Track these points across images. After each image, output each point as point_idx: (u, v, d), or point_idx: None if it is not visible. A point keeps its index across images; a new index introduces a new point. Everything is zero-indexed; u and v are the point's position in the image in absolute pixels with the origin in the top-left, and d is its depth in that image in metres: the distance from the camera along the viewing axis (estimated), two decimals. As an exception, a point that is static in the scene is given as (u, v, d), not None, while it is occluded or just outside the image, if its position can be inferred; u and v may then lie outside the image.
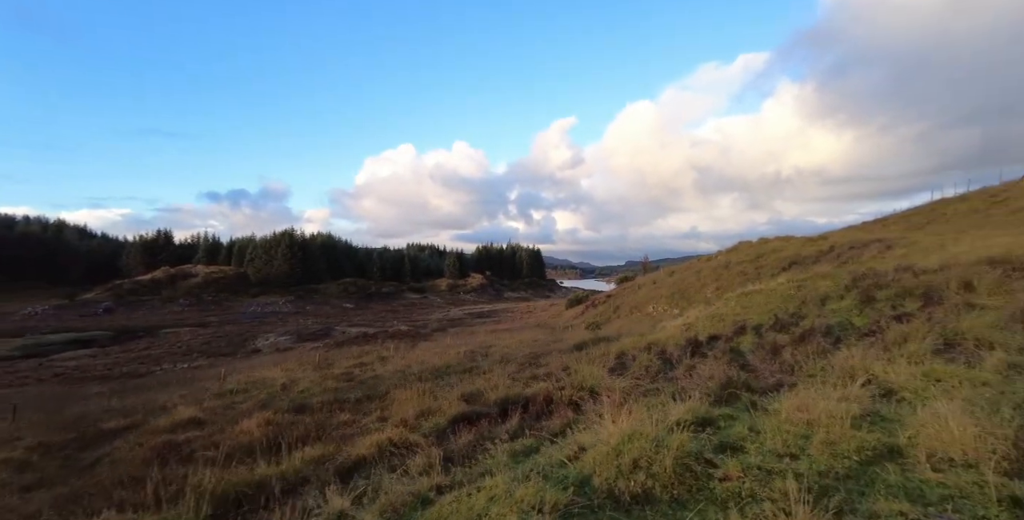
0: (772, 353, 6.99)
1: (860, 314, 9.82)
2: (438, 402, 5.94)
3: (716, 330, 10.83)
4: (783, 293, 11.84)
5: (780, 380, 5.12)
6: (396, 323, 51.97)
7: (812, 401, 3.29)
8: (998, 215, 26.78)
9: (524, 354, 12.82)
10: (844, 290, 10.93)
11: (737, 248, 29.60)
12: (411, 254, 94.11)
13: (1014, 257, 10.96)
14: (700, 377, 5.92)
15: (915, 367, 4.17)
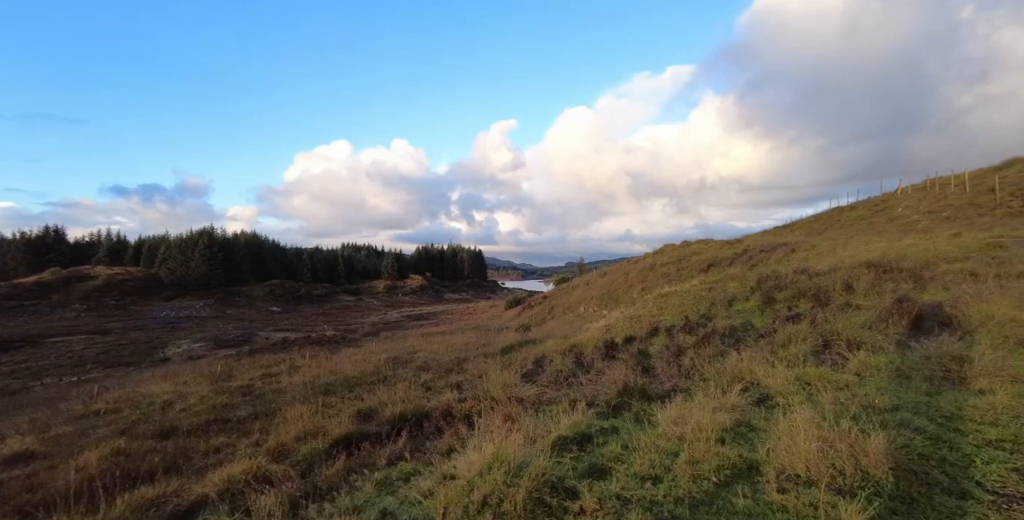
0: (676, 355, 7.13)
1: (761, 315, 10.43)
2: (329, 420, 5.43)
3: (633, 331, 11.06)
4: (696, 295, 12.37)
5: (676, 385, 5.14)
6: (326, 327, 49.43)
7: (689, 412, 3.22)
8: (880, 222, 30.10)
9: (449, 360, 12.41)
10: (749, 292, 11.60)
11: (662, 251, 30.98)
12: (346, 254, 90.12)
13: (886, 261, 12.18)
14: (603, 382, 5.86)
15: (792, 370, 4.29)
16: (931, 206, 28.31)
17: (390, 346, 18.18)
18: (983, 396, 3.12)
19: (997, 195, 24.42)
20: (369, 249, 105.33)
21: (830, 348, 5.76)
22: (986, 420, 2.77)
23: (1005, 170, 26.67)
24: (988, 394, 3.17)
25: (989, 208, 24.14)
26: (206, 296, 64.46)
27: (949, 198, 28.04)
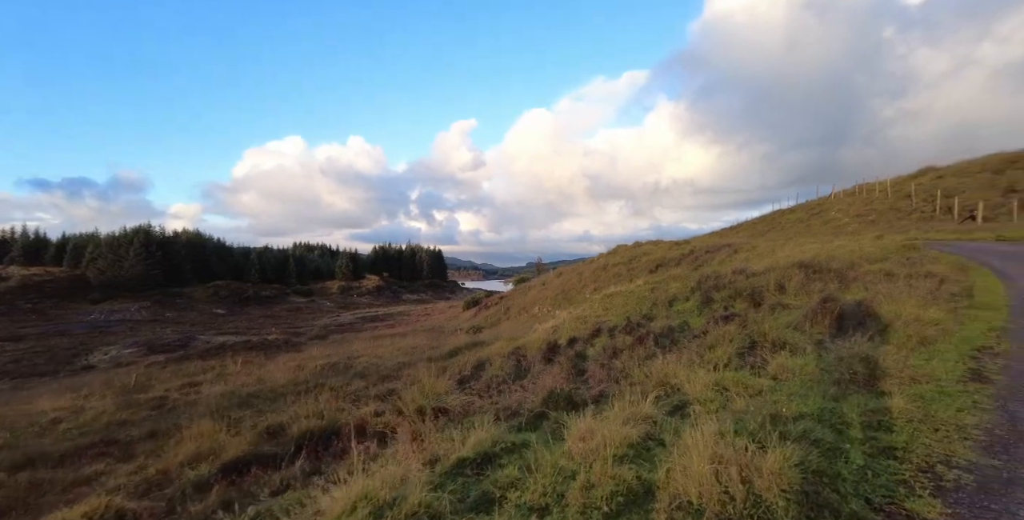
0: (611, 357, 7.03)
1: (699, 315, 10.61)
2: (234, 438, 4.90)
3: (577, 332, 10.98)
4: (640, 295, 12.48)
5: (603, 390, 4.98)
6: (273, 330, 47.15)
7: (599, 425, 3.00)
8: (815, 225, 31.92)
9: (391, 365, 11.88)
10: (690, 292, 11.81)
11: (615, 251, 31.51)
12: (297, 254, 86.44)
13: (816, 261, 12.76)
14: (534, 389, 5.63)
15: (714, 374, 4.19)
16: (859, 210, 30.29)
17: (334, 350, 17.34)
18: (882, 399, 3.09)
19: (913, 200, 26.42)
20: (323, 248, 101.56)
21: (756, 349, 5.79)
22: (882, 426, 2.71)
23: (919, 178, 28.93)
24: (887, 397, 3.15)
25: (907, 212, 26.07)
26: (142, 298, 59.91)
27: (874, 203, 30.10)
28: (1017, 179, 22.48)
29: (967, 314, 6.17)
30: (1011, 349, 4.50)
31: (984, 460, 2.35)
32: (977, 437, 2.60)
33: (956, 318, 5.88)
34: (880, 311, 6.16)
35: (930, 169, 30.01)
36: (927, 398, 3.19)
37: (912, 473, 2.22)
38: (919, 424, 2.73)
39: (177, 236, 70.32)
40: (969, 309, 6.54)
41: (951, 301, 7.68)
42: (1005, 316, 6.05)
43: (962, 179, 25.66)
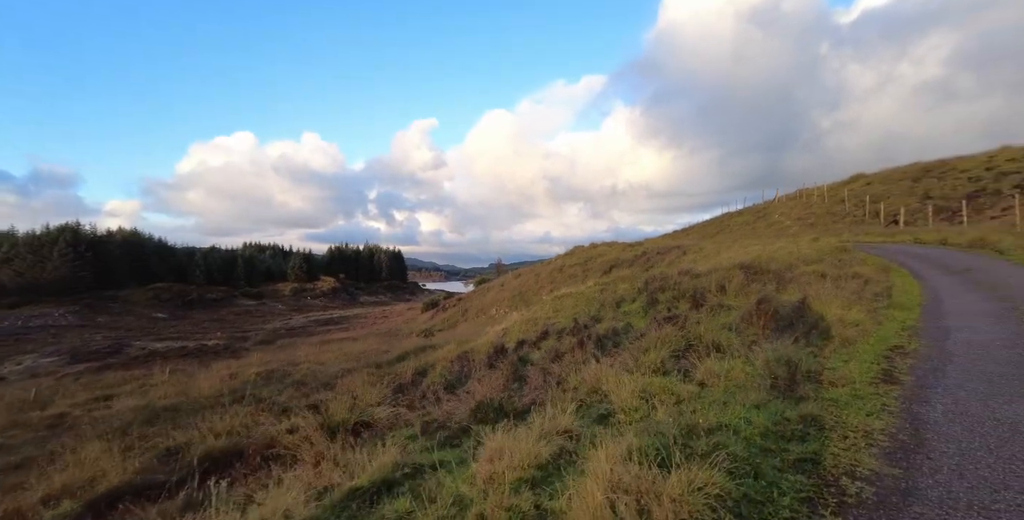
0: (553, 360, 6.89)
1: (644, 316, 10.71)
2: (125, 462, 4.35)
3: (525, 335, 10.83)
4: (590, 296, 12.50)
5: (536, 398, 4.79)
6: (219, 334, 44.52)
7: (513, 443, 2.79)
8: (760, 227, 33.46)
9: (332, 372, 11.29)
10: (637, 293, 11.93)
11: (572, 252, 31.79)
12: (247, 254, 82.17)
13: (757, 263, 13.25)
14: (468, 398, 5.37)
15: (643, 379, 4.08)
16: (800, 214, 31.98)
17: (276, 357, 16.41)
18: (800, 405, 3.04)
19: (846, 205, 28.17)
20: (275, 249, 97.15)
21: (691, 352, 5.79)
22: (795, 435, 2.64)
23: (851, 184, 30.90)
24: (805, 402, 3.11)
25: (841, 216, 27.75)
26: (68, 302, 54.99)
27: (813, 207, 31.89)
28: (931, 187, 24.35)
29: (885, 314, 6.45)
30: (919, 348, 4.68)
31: (886, 469, 2.30)
32: (882, 443, 2.57)
33: (875, 318, 6.12)
34: (810, 312, 6.32)
35: (860, 176, 32.09)
36: (841, 403, 3.18)
37: (817, 489, 2.13)
38: (830, 432, 2.68)
39: (111, 235, 65.18)
40: (888, 309, 6.85)
41: (873, 301, 8.05)
42: (917, 315, 6.36)
43: (887, 186, 27.57)
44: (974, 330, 5.30)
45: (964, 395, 3.28)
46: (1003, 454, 2.37)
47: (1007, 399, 3.15)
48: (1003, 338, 4.86)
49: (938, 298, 7.71)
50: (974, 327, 5.46)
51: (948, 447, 2.49)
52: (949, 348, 4.63)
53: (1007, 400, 3.14)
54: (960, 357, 4.30)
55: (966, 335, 5.09)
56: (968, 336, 5.04)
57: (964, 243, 13.99)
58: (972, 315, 6.19)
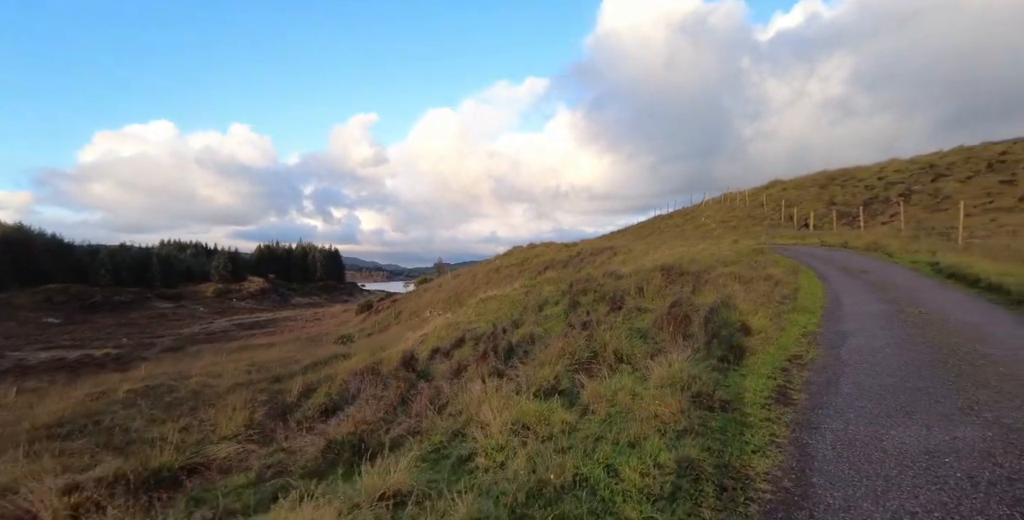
0: (456, 374, 6.22)
1: (565, 319, 10.34)
2: None
3: (441, 343, 10.09)
4: (514, 299, 11.99)
5: (412, 426, 4.08)
6: (125, 341, 39.90)
7: (321, 512, 2.06)
8: (688, 229, 34.81)
9: (223, 387, 9.95)
10: (561, 295, 11.58)
11: (511, 253, 31.40)
12: (164, 253, 74.80)
13: (678, 264, 13.39)
14: (339, 426, 4.56)
15: (526, 404, 3.48)
16: (724, 217, 33.59)
17: (172, 368, 14.53)
18: (681, 443, 2.55)
19: (765, 209, 29.89)
20: (198, 247, 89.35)
21: (595, 362, 5.35)
22: (664, 492, 2.11)
23: (770, 189, 32.91)
24: (686, 437, 2.63)
25: (760, 219, 29.39)
26: (-70, 307, 47.12)
27: (735, 210, 33.61)
28: (836, 193, 26.31)
29: (789, 318, 6.39)
30: (817, 357, 4.49)
31: (763, 536, 1.81)
32: (762, 496, 2.11)
33: (779, 324, 6.01)
34: (717, 317, 6.09)
35: (777, 182, 34.24)
36: (729, 435, 2.75)
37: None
38: (706, 483, 2.19)
39: (-10, 230, 56.75)
40: (792, 312, 6.83)
41: (780, 303, 8.10)
42: (818, 319, 6.35)
43: (800, 191, 29.52)
44: (867, 334, 5.24)
45: (854, 416, 2.97)
46: (889, 504, 1.98)
47: (894, 420, 2.87)
48: (891, 343, 4.79)
49: (838, 300, 7.87)
50: (867, 330, 5.42)
51: (834, 497, 2.07)
52: (844, 357, 4.45)
53: (894, 422, 2.85)
54: (853, 367, 4.11)
55: (860, 340, 4.99)
56: (861, 342, 4.94)
57: (861, 246, 14.93)
58: (866, 317, 6.24)
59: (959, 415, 2.87)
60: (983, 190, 20.02)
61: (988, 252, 10.65)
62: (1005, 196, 19.14)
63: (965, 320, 5.62)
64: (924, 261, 10.99)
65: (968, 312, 6.14)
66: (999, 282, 7.44)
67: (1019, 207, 17.99)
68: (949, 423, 2.77)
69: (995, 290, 7.37)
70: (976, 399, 3.12)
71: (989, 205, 18.68)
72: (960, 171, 22.69)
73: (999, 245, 11.28)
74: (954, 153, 25.51)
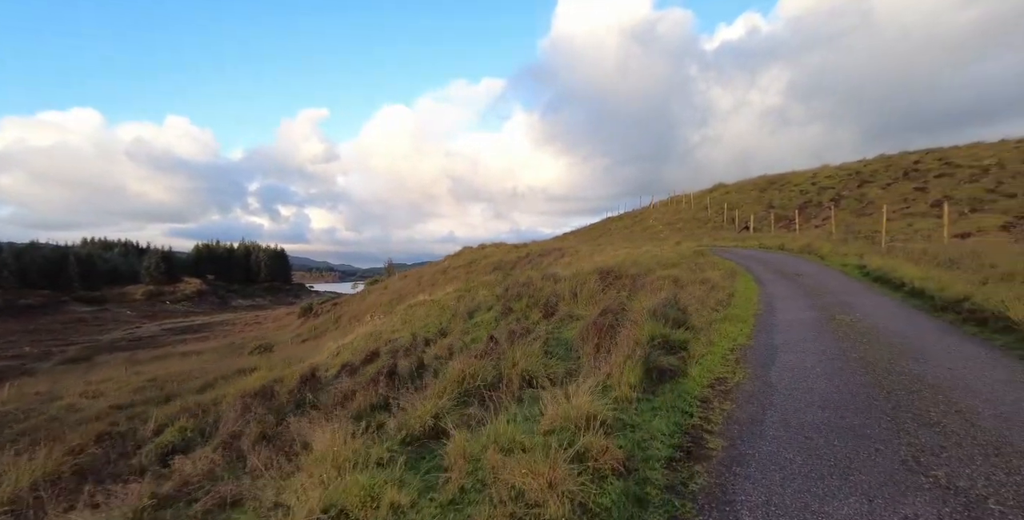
0: (342, 403, 5.19)
1: (496, 326, 9.52)
2: None
3: (355, 357, 8.97)
4: (444, 304, 11.01)
5: (228, 496, 3.04)
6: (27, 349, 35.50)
7: None
8: (637, 231, 35.04)
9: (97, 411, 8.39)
10: (495, 300, 10.74)
11: (460, 253, 30.31)
12: (84, 252, 67.91)
13: (620, 267, 12.90)
14: (151, 484, 3.44)
15: (352, 477, 2.54)
16: (670, 219, 34.03)
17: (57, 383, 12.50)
18: None
19: (709, 211, 30.47)
20: (127, 246, 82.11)
21: (498, 389, 4.51)
22: None
23: (713, 193, 33.67)
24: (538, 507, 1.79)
25: (704, 221, 29.90)
26: None
27: (682, 213, 34.14)
28: (774, 197, 27.11)
29: (720, 329, 5.83)
30: (743, 381, 3.85)
31: None
32: None
33: (708, 336, 5.43)
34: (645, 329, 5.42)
35: (721, 186, 35.12)
36: (610, 521, 1.93)
37: None
38: None
39: None
40: (724, 321, 6.29)
41: (715, 310, 7.61)
42: (750, 329, 5.83)
43: (741, 195, 30.30)
44: (799, 349, 4.70)
45: (779, 480, 2.25)
46: None
47: (827, 486, 2.18)
48: (824, 360, 4.25)
49: (772, 306, 7.46)
50: (799, 344, 4.90)
51: None
52: (773, 380, 3.84)
53: (827, 488, 2.16)
54: (782, 394, 3.48)
55: (791, 358, 4.43)
56: (793, 359, 4.37)
57: (796, 248, 15.07)
58: (799, 326, 5.78)
59: (905, 475, 2.21)
60: (900, 196, 21.05)
61: (909, 255, 10.78)
62: (919, 202, 20.16)
63: (894, 329, 5.24)
64: (853, 264, 11.00)
65: (895, 318, 5.81)
66: (921, 287, 7.28)
67: (931, 213, 18.94)
68: (895, 490, 2.09)
69: (917, 295, 7.20)
70: (921, 445, 2.50)
71: (906, 210, 19.60)
72: (881, 178, 23.87)
73: (917, 249, 11.49)
74: (876, 161, 26.92)
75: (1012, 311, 4.74)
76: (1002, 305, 4.98)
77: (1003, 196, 17.90)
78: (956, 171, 21.29)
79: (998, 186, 18.71)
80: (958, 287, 6.59)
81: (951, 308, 5.90)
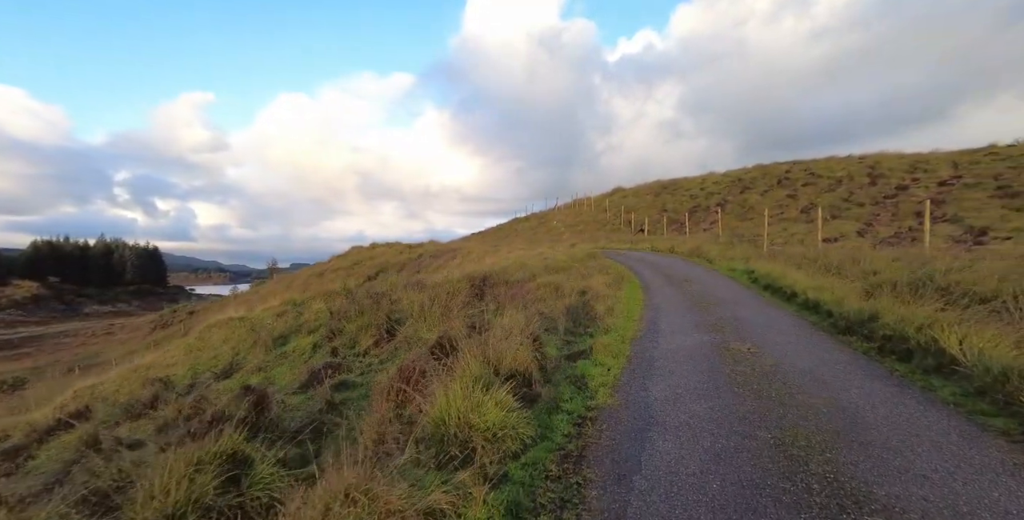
0: None
1: (310, 357, 7.01)
2: None
3: (109, 396, 5.91)
4: (258, 323, 8.17)
5: None
6: None
7: None
8: (541, 232, 34.01)
9: None
10: (328, 317, 8.20)
11: (347, 254, 26.79)
12: None
13: (502, 271, 11.03)
14: None
15: None
16: (573, 221, 33.44)
17: None
18: None
19: (608, 214, 30.26)
20: (-70, 241, 64.29)
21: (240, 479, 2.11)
22: None
23: (613, 196, 33.74)
24: None
25: (603, 224, 29.56)
26: None
27: (583, 215, 33.74)
28: (667, 201, 27.44)
29: (580, 372, 3.98)
30: (589, 500, 1.91)
31: None
32: None
33: (555, 393, 3.52)
34: (489, 366, 3.33)
35: (619, 189, 35.39)
36: None
37: None
38: None
39: None
40: (592, 355, 4.49)
41: (588, 328, 5.89)
42: (619, 372, 4.03)
43: (638, 199, 30.49)
44: (683, 420, 2.89)
45: None
46: None
47: None
48: (722, 456, 2.44)
49: (655, 326, 5.85)
50: (684, 407, 3.11)
51: None
52: (633, 503, 1.90)
53: None
54: None
55: (669, 449, 2.58)
56: (672, 452, 2.51)
57: (686, 251, 14.36)
58: (684, 363, 4.08)
59: None
60: (775, 202, 21.98)
61: (790, 260, 10.13)
62: (790, 208, 21.13)
63: (804, 367, 3.72)
64: (741, 269, 10.11)
65: (799, 347, 4.36)
66: (815, 299, 6.15)
67: (801, 218, 19.81)
68: None
69: (812, 308, 6.05)
70: None
71: (781, 216, 20.38)
72: (759, 185, 25.04)
73: (797, 253, 11.07)
74: (755, 170, 28.47)
75: (946, 342, 3.39)
76: (925, 333, 3.66)
77: (855, 205, 19.09)
78: (818, 181, 22.72)
79: (850, 195, 20.03)
80: (853, 300, 5.46)
81: (857, 330, 4.62)
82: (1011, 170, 16.91)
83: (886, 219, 16.13)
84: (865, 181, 21.19)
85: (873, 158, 23.71)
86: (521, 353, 3.82)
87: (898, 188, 18.79)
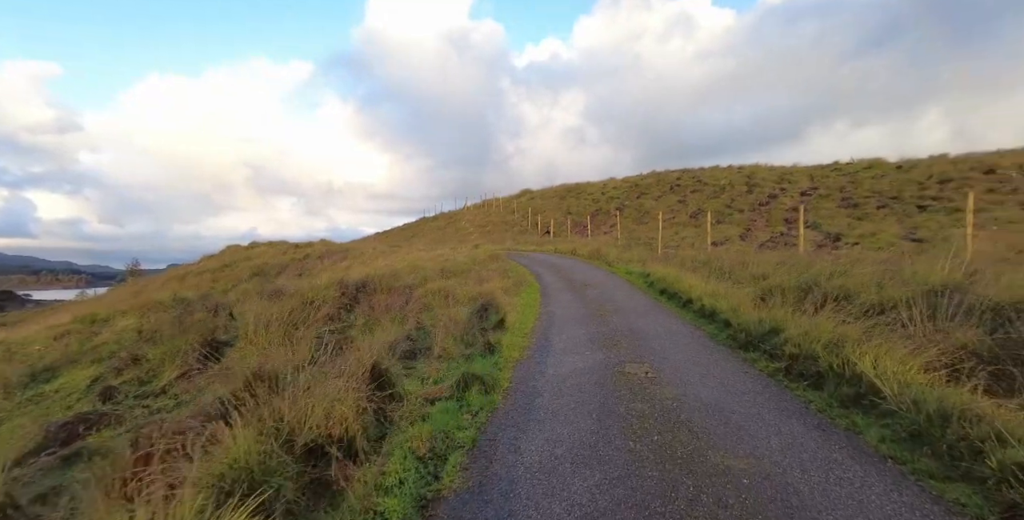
0: None
1: (79, 401, 5.07)
2: None
3: None
4: (25, 348, 5.89)
5: None
6: None
7: None
8: (450, 232, 32.61)
9: None
10: (136, 338, 6.16)
11: (221, 254, 22.97)
12: None
13: (377, 275, 9.53)
14: None
15: None
16: (482, 222, 32.54)
17: None
18: None
19: (516, 215, 29.84)
20: None
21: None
22: None
23: (521, 198, 33.50)
24: None
25: (512, 225, 29.05)
26: None
27: (492, 216, 33.00)
28: (572, 204, 27.75)
29: (457, 406, 2.87)
30: None
31: None
32: None
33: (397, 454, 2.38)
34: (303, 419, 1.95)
35: (527, 191, 35.32)
36: None
37: None
38: None
39: None
40: (462, 392, 3.41)
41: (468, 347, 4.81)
42: (487, 415, 3.01)
43: (544, 201, 30.51)
44: (548, 502, 1.90)
45: None
46: None
47: None
48: None
49: (547, 343, 4.94)
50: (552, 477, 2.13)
51: None
52: None
53: None
54: None
55: None
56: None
57: (587, 253, 14.07)
58: (572, 396, 3.16)
59: None
60: (668, 207, 23.14)
61: (684, 263, 10.08)
62: (681, 213, 22.35)
63: (709, 400, 2.99)
64: (637, 272, 9.80)
65: (700, 370, 3.70)
66: (712, 307, 5.73)
67: (691, 223, 20.98)
68: None
69: (710, 317, 5.62)
70: None
71: (672, 220, 21.40)
72: (654, 191, 26.32)
73: (689, 256, 11.18)
74: (650, 176, 30.02)
75: (863, 366, 2.84)
76: (836, 354, 3.13)
77: (736, 210, 20.62)
78: (705, 188, 24.38)
79: (732, 202, 21.67)
80: (749, 308, 5.06)
81: (758, 345, 4.10)
82: (851, 184, 19.41)
83: (762, 224, 17.43)
84: (744, 189, 23.08)
85: (749, 169, 26.06)
86: (341, 407, 2.55)
87: (770, 196, 20.63)
